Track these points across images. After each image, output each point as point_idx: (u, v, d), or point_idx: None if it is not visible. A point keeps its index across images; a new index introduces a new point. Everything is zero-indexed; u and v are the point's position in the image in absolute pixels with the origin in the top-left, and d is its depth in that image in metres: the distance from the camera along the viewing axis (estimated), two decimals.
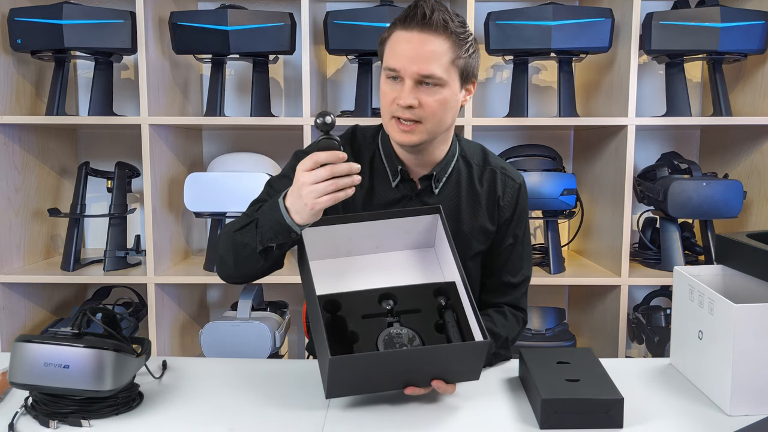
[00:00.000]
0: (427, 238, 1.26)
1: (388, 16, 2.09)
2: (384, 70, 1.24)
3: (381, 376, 1.08)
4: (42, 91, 2.41)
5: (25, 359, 1.02)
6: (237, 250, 1.22)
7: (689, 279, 1.23)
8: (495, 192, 1.38)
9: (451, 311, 1.18)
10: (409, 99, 1.20)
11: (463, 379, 1.14)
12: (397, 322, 1.16)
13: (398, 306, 1.18)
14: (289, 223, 1.13)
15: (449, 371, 1.10)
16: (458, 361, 1.08)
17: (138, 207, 2.60)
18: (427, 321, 1.18)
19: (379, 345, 1.12)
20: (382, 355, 1.08)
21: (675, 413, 1.10)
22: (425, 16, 1.19)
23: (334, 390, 1.08)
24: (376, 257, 1.26)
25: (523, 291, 1.45)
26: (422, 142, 1.26)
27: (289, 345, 2.67)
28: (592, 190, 2.43)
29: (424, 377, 1.10)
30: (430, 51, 1.20)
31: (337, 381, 1.05)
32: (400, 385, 1.10)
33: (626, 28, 2.13)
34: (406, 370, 1.08)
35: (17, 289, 2.26)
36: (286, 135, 2.55)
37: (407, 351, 1.09)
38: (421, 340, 1.14)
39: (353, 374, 1.06)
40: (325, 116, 1.09)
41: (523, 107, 2.24)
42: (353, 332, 1.16)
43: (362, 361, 1.05)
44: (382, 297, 1.19)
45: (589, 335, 2.47)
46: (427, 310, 1.19)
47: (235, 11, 2.12)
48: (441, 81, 1.21)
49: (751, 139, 2.27)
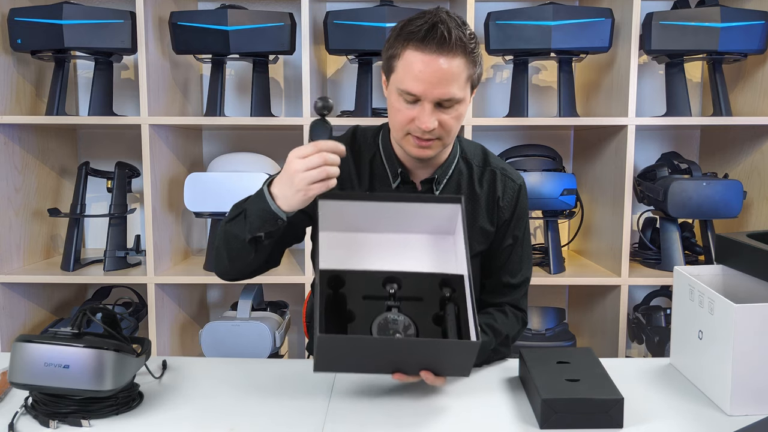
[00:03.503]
0: (446, 226, 1.24)
1: (388, 16, 2.09)
2: (400, 91, 1.21)
3: (370, 359, 1.07)
4: (42, 91, 2.41)
5: (25, 359, 1.02)
6: (229, 243, 1.23)
7: (689, 279, 1.23)
8: (495, 193, 1.38)
9: (453, 304, 1.17)
10: (432, 123, 1.20)
11: (453, 375, 1.13)
12: (396, 307, 1.15)
13: (401, 291, 1.17)
14: (275, 210, 1.13)
15: (438, 365, 1.09)
16: (448, 356, 1.07)
17: (138, 207, 2.60)
18: (427, 311, 1.17)
19: (373, 328, 1.12)
20: (370, 341, 1.07)
21: (675, 413, 1.10)
22: (445, 39, 1.16)
23: (322, 365, 1.07)
24: (392, 237, 1.23)
25: (523, 292, 1.44)
26: (438, 154, 1.29)
27: (289, 345, 2.67)
28: (592, 190, 2.43)
29: (414, 367, 1.09)
30: (450, 74, 1.18)
31: (324, 357, 1.05)
32: (389, 370, 1.09)
33: (626, 28, 2.13)
34: (395, 357, 1.07)
35: (17, 289, 2.26)
36: (286, 135, 2.55)
37: (396, 340, 1.09)
38: (416, 329, 1.13)
39: (341, 354, 1.05)
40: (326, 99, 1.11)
41: (523, 107, 2.24)
42: (351, 311, 1.15)
43: (350, 342, 1.05)
44: (387, 280, 1.18)
45: (589, 335, 2.47)
46: (430, 299, 1.18)
47: (235, 11, 2.12)
48: (459, 100, 1.21)
49: (751, 139, 2.27)
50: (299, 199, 1.11)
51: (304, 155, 1.09)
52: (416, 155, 1.27)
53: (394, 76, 1.23)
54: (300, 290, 2.22)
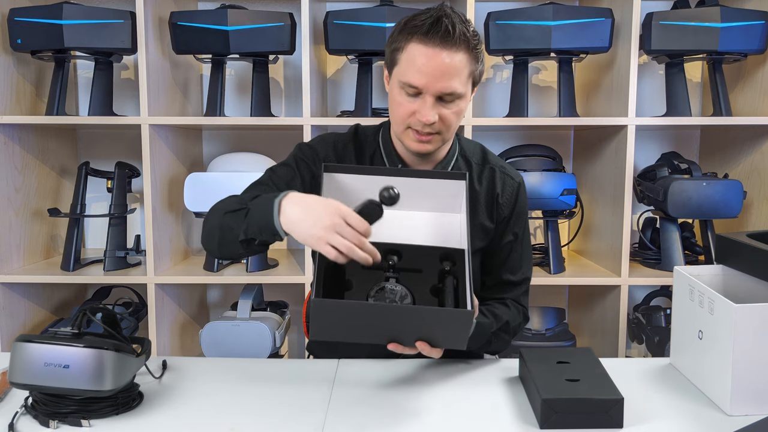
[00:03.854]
0: (449, 204, 1.23)
1: (388, 16, 2.09)
2: (402, 84, 1.22)
3: (364, 326, 1.06)
4: (42, 91, 2.41)
5: (25, 359, 1.02)
6: (223, 232, 1.22)
7: (689, 279, 1.23)
8: (494, 190, 1.38)
9: (452, 278, 1.16)
10: (433, 116, 1.20)
11: (449, 346, 1.11)
12: (394, 278, 1.15)
13: (401, 263, 1.17)
14: (277, 226, 1.10)
15: (434, 335, 1.07)
16: (441, 326, 1.06)
17: (138, 207, 2.60)
18: (425, 283, 1.17)
19: (369, 296, 1.12)
20: (364, 306, 1.07)
21: (675, 413, 1.10)
22: (449, 33, 1.17)
23: (317, 332, 1.07)
24: (395, 212, 1.21)
25: (524, 290, 1.45)
26: (437, 149, 1.29)
27: (289, 345, 2.67)
28: (592, 190, 2.43)
29: (409, 337, 1.08)
30: (453, 68, 1.18)
31: (320, 323, 1.05)
32: (384, 339, 1.08)
33: (626, 28, 2.13)
34: (389, 325, 1.06)
35: (17, 289, 2.26)
36: (286, 135, 2.55)
37: (390, 306, 1.08)
38: (413, 299, 1.13)
39: (336, 319, 1.04)
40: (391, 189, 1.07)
41: (523, 107, 2.24)
42: (349, 280, 1.16)
43: (344, 307, 1.05)
44: (388, 252, 1.17)
45: (589, 335, 2.47)
46: (429, 272, 1.18)
47: (235, 11, 2.12)
48: (460, 95, 1.22)
49: (751, 139, 2.27)
50: (307, 241, 1.05)
51: (351, 223, 1.03)
52: (416, 150, 1.27)
53: (397, 69, 1.23)
54: (300, 290, 2.22)
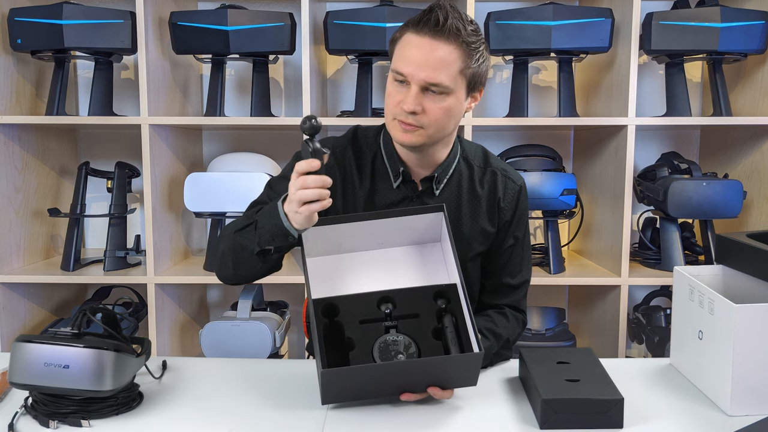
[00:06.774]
0: (431, 235, 1.25)
1: (388, 16, 2.09)
2: (392, 72, 1.23)
3: (375, 384, 1.08)
4: (42, 91, 2.41)
5: (25, 359, 1.02)
6: (236, 252, 1.23)
7: (689, 279, 1.23)
8: (495, 194, 1.38)
9: (450, 315, 1.17)
10: (413, 105, 1.20)
11: (460, 386, 1.14)
12: (394, 327, 1.15)
13: (397, 310, 1.18)
14: (287, 227, 1.14)
15: (445, 379, 1.10)
16: (453, 370, 1.08)
17: (138, 207, 2.60)
18: (425, 326, 1.17)
19: (374, 353, 1.12)
20: (375, 367, 1.08)
21: (675, 413, 1.10)
22: (438, 23, 1.18)
23: (329, 397, 1.09)
24: (379, 254, 1.24)
25: (523, 293, 1.45)
26: (422, 144, 1.27)
27: (289, 345, 2.67)
28: (592, 190, 2.43)
29: (420, 384, 1.10)
30: (440, 59, 1.18)
31: (331, 390, 1.06)
32: (396, 392, 1.10)
33: (626, 28, 2.13)
34: (400, 379, 1.08)
35: (17, 289, 2.26)
36: (286, 135, 2.55)
37: (400, 363, 1.09)
38: (417, 347, 1.14)
39: (347, 384, 1.06)
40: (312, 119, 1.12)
41: (523, 107, 2.24)
42: (350, 338, 1.15)
43: (355, 372, 1.06)
44: (381, 300, 1.18)
45: (589, 335, 2.47)
46: (426, 314, 1.18)
47: (235, 11, 2.12)
48: (447, 89, 1.21)
49: (751, 139, 2.27)
50: (300, 220, 1.12)
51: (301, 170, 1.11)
52: (399, 140, 1.26)
53: (392, 61, 1.24)
54: (300, 290, 2.22)
